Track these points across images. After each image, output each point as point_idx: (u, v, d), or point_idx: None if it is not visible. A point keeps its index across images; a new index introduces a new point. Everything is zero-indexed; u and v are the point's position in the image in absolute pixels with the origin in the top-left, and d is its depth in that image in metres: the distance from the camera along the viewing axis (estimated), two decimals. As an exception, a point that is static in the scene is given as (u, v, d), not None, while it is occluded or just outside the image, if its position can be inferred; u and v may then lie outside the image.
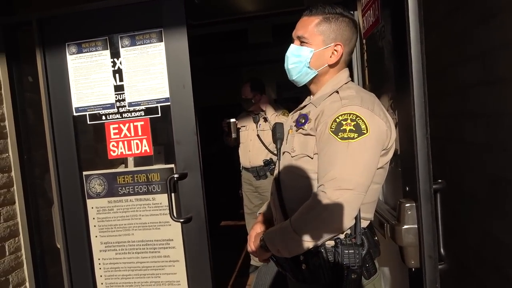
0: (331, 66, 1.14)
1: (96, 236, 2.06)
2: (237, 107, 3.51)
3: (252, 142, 3.17)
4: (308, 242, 1.00)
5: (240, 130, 3.29)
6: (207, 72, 5.38)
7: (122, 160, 2.16)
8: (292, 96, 5.71)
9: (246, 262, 3.51)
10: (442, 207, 1.05)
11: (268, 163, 3.11)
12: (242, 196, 3.36)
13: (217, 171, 3.74)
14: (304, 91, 1.25)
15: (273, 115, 3.10)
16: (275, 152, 3.00)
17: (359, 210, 1.02)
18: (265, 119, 3.13)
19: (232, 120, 3.11)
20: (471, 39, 1.24)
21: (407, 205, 1.04)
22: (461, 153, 1.42)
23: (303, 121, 1.11)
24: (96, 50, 1.98)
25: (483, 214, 1.27)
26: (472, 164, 1.33)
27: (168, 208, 1.93)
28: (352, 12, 1.78)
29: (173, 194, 1.93)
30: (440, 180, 1.05)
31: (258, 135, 3.13)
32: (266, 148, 3.10)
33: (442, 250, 1.05)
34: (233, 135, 3.15)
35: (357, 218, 1.03)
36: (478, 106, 1.24)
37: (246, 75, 5.67)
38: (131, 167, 2.14)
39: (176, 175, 1.91)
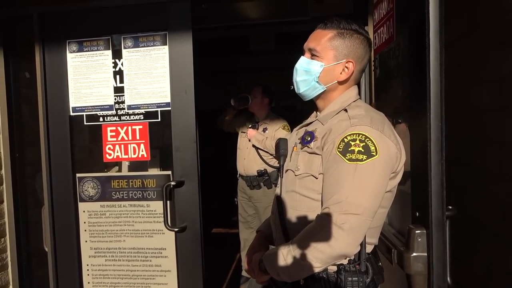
0: (340, 83, 1.11)
1: (86, 241, 1.99)
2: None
3: (248, 150, 3.11)
4: (310, 267, 0.95)
5: (239, 135, 3.25)
6: (205, 76, 5.35)
7: (117, 163, 2.10)
8: (289, 104, 5.70)
9: (237, 272, 3.45)
10: (451, 234, 1.01)
11: (262, 174, 3.04)
12: (237, 203, 3.30)
13: (211, 176, 3.68)
14: (301, 101, 1.21)
15: (273, 129, 3.05)
16: (270, 163, 2.99)
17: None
18: (264, 130, 3.07)
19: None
20: (487, 63, 1.22)
21: (417, 231, 1.00)
22: (470, 178, 1.39)
23: (309, 139, 1.07)
24: (97, 50, 1.93)
25: (491, 244, 1.24)
26: (481, 191, 1.31)
27: (162, 216, 1.87)
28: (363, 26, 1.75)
29: (168, 202, 1.88)
30: (451, 207, 1.02)
31: (254, 146, 3.06)
32: (261, 158, 3.04)
33: (449, 279, 1.01)
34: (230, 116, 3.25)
35: (362, 244, 0.99)
36: (491, 132, 1.22)
37: (245, 81, 5.65)
38: (125, 171, 2.09)
39: (173, 183, 1.86)
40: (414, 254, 1.01)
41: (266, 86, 3.16)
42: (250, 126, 3.14)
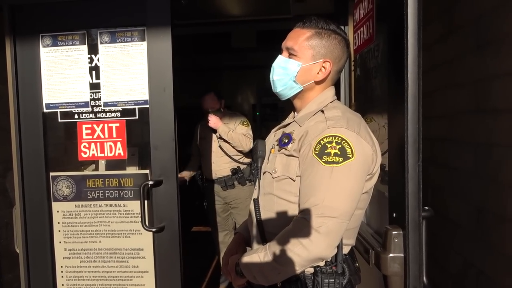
0: (317, 82, 1.10)
1: (60, 242, 1.93)
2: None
3: (215, 154, 3.04)
4: (287, 270, 0.95)
5: (199, 142, 3.17)
6: (186, 73, 5.28)
7: (93, 161, 2.04)
8: (271, 102, 5.70)
9: (217, 271, 3.43)
10: (427, 234, 1.02)
11: (236, 172, 3.01)
12: (207, 207, 3.23)
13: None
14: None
15: (233, 125, 2.99)
16: (240, 160, 2.98)
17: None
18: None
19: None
20: (464, 66, 1.23)
21: (394, 232, 1.01)
22: (445, 178, 1.41)
23: (286, 141, 1.06)
24: (72, 44, 1.86)
25: (466, 244, 1.26)
26: (457, 191, 1.33)
27: (140, 216, 1.83)
28: (343, 27, 1.75)
29: (146, 202, 1.83)
30: (427, 208, 1.02)
31: (220, 147, 3.01)
32: (230, 157, 3.01)
33: (425, 279, 1.02)
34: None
35: (339, 246, 0.99)
36: (467, 133, 1.24)
37: (227, 78, 5.61)
38: (102, 169, 2.03)
39: (150, 182, 1.82)
40: (391, 255, 1.01)
41: (216, 91, 3.10)
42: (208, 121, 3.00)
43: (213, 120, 2.94)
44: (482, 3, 1.13)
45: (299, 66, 1.07)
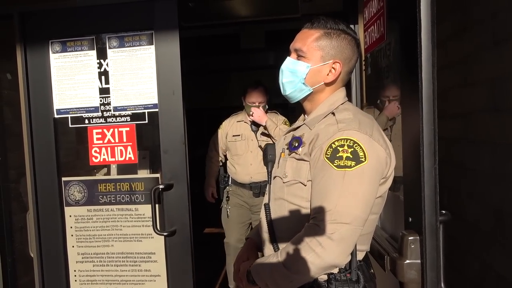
0: (327, 84, 1.07)
1: (73, 246, 1.94)
2: (224, 111, 3.31)
3: (254, 154, 2.74)
4: (299, 278, 0.92)
5: (233, 140, 2.84)
6: (195, 74, 5.29)
7: (105, 166, 2.05)
8: (281, 102, 5.67)
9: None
10: (444, 238, 0.99)
11: None
12: (228, 213, 2.89)
13: (202, 175, 3.57)
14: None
15: (274, 126, 2.67)
16: None
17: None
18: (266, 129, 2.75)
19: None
20: (480, 63, 1.19)
21: (410, 238, 0.98)
22: (462, 179, 1.37)
23: (297, 144, 1.03)
24: (81, 50, 1.87)
25: (484, 246, 1.22)
26: (474, 193, 1.29)
27: (151, 220, 1.83)
28: (352, 25, 1.72)
29: (157, 205, 1.83)
30: (444, 212, 0.99)
31: (260, 147, 2.71)
32: None
33: (443, 285, 0.99)
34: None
35: (353, 252, 0.96)
36: (483, 133, 1.19)
37: (236, 80, 5.61)
38: (113, 173, 2.04)
39: (161, 186, 1.82)
40: (407, 261, 0.98)
41: (264, 86, 2.85)
42: (251, 114, 2.68)
43: (258, 113, 2.65)
44: (499, -2, 1.09)
45: (308, 68, 1.05)
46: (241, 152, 2.79)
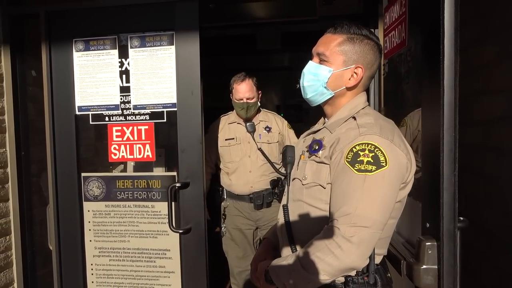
0: (349, 89, 1.08)
1: (90, 240, 1.99)
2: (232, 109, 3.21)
3: (252, 160, 2.32)
4: (317, 280, 0.94)
5: (226, 144, 2.40)
6: (211, 74, 5.32)
7: (122, 162, 2.09)
8: (295, 103, 5.67)
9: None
10: (461, 245, 0.99)
11: (276, 184, 2.32)
12: (225, 234, 2.46)
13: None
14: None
15: (279, 127, 2.43)
16: (281, 170, 2.31)
17: None
18: (267, 128, 2.39)
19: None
20: (502, 71, 1.19)
21: (427, 243, 0.98)
22: (480, 186, 1.36)
23: (317, 147, 1.04)
24: (104, 49, 1.91)
25: (502, 255, 1.21)
26: (493, 200, 1.28)
27: (167, 217, 1.86)
28: (372, 29, 1.72)
29: (173, 203, 1.86)
30: (462, 218, 0.99)
31: (260, 149, 2.32)
32: (272, 165, 2.34)
33: (459, 292, 0.99)
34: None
35: (371, 256, 0.97)
36: (503, 141, 1.19)
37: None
38: (130, 170, 2.08)
39: (178, 184, 1.84)
40: (424, 266, 0.99)
41: (253, 78, 2.44)
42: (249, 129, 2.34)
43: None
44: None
45: (330, 72, 1.06)
46: (237, 158, 2.35)
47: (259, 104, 2.42)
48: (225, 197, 2.39)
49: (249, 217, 2.37)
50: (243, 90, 2.34)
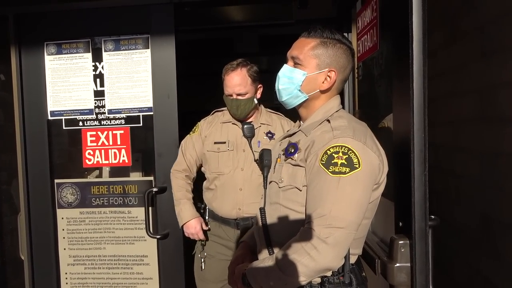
0: (322, 92, 1.10)
1: (64, 249, 1.93)
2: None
3: (245, 174, 1.74)
4: (293, 281, 0.94)
5: (214, 149, 1.76)
6: (188, 78, 5.29)
7: (96, 168, 2.05)
8: (273, 106, 5.71)
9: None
10: (433, 243, 1.02)
11: None
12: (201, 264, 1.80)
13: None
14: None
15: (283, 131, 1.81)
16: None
17: None
18: (269, 134, 1.82)
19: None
20: (468, 73, 1.23)
21: (400, 242, 1.00)
22: (450, 185, 1.41)
23: (293, 150, 1.05)
24: (77, 52, 1.88)
25: (472, 252, 1.26)
26: (462, 199, 1.32)
27: (144, 222, 1.83)
28: (346, 34, 1.76)
29: (150, 208, 1.84)
30: (433, 217, 1.02)
31: (257, 161, 1.69)
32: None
33: (431, 288, 1.02)
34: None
35: (346, 256, 0.99)
36: (473, 141, 1.23)
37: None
38: (105, 176, 2.04)
39: (155, 189, 1.83)
40: (397, 264, 1.01)
41: (252, 67, 1.85)
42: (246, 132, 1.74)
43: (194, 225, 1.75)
44: (488, 11, 1.13)
45: (304, 75, 1.07)
46: (226, 169, 1.75)
47: (255, 101, 1.82)
48: (207, 217, 1.83)
49: (233, 247, 1.78)
50: (233, 83, 1.74)
